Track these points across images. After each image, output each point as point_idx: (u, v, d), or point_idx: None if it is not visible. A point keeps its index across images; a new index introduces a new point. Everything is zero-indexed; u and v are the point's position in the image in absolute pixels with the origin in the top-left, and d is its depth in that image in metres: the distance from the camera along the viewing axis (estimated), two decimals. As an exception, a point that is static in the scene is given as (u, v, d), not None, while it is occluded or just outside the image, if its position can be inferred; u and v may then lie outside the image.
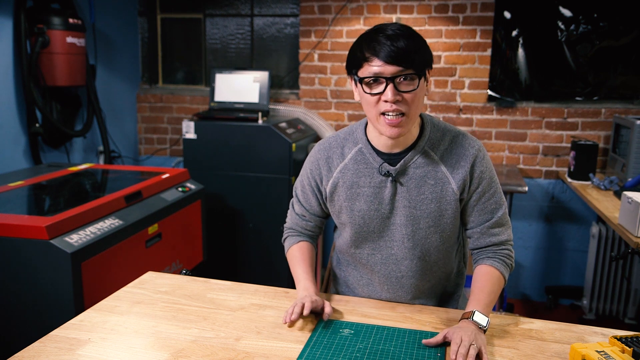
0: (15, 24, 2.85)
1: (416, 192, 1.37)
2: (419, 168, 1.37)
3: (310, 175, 1.49)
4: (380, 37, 1.24)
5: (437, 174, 1.37)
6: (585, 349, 1.11)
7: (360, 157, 1.41)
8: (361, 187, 1.41)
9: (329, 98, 3.70)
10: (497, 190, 1.42)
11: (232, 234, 3.28)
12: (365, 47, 1.26)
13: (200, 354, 1.18)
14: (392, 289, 1.46)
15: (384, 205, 1.39)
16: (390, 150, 1.38)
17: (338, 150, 1.45)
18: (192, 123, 3.23)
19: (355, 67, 1.30)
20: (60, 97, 3.18)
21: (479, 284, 1.37)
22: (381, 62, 1.23)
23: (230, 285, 1.56)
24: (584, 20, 3.28)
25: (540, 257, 3.57)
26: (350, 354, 1.18)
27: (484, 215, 1.41)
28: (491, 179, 1.40)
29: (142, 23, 4.00)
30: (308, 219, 1.55)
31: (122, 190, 2.35)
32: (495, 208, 1.41)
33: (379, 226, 1.42)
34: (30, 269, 1.87)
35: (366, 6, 3.51)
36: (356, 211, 1.42)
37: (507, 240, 1.43)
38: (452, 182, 1.37)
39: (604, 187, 2.88)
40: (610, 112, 3.32)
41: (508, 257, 1.42)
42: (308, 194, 1.51)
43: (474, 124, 3.51)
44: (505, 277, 1.41)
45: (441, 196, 1.37)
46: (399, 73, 1.24)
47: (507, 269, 1.42)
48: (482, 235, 1.42)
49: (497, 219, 1.41)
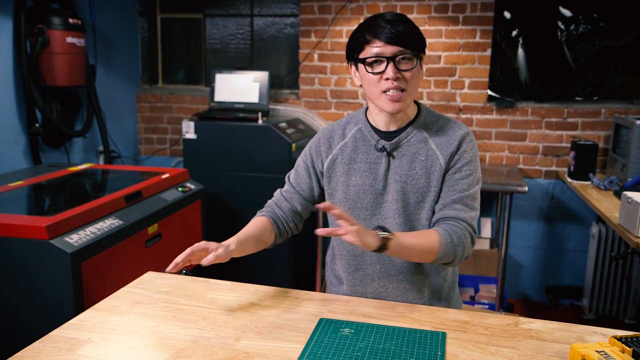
0: (15, 24, 2.86)
1: (408, 167, 1.46)
2: (411, 145, 1.46)
3: (308, 153, 1.58)
4: (380, 21, 1.37)
5: (428, 151, 1.45)
6: (585, 349, 1.11)
7: (360, 135, 1.52)
8: (358, 162, 1.50)
9: (329, 98, 3.70)
10: (473, 174, 1.44)
11: (232, 234, 3.27)
12: (367, 31, 1.39)
13: (200, 354, 1.18)
14: (384, 267, 1.50)
15: (378, 180, 1.47)
16: (387, 128, 1.49)
17: (340, 131, 1.56)
18: (192, 123, 3.23)
19: (356, 50, 1.41)
20: (60, 97, 3.18)
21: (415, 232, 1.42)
22: (382, 43, 1.36)
23: (230, 285, 1.56)
24: (584, 20, 3.28)
25: (540, 257, 3.57)
26: (351, 353, 1.18)
27: (452, 191, 1.43)
28: (471, 161, 1.45)
29: (142, 23, 4.00)
30: (289, 196, 1.59)
31: (122, 190, 2.35)
32: (464, 189, 1.43)
33: (372, 202, 1.48)
34: (30, 269, 1.87)
35: (366, 6, 3.51)
36: (351, 186, 1.49)
37: (464, 219, 1.40)
38: (441, 157, 1.44)
39: (604, 187, 2.88)
40: (610, 112, 3.32)
41: (455, 233, 1.37)
42: (301, 170, 1.59)
43: (474, 124, 3.51)
44: (442, 246, 1.35)
45: (430, 172, 1.44)
46: (398, 53, 1.36)
47: (447, 242, 1.36)
48: (443, 207, 1.43)
49: (463, 195, 1.42)
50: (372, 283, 1.53)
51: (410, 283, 1.50)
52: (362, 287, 1.54)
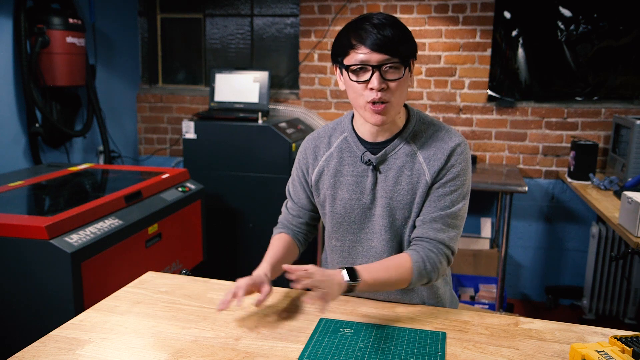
0: (15, 24, 2.85)
1: (393, 182, 1.38)
2: (398, 159, 1.38)
3: (298, 167, 1.53)
4: (367, 25, 1.26)
5: (415, 165, 1.37)
6: (585, 349, 1.11)
7: (345, 146, 1.44)
8: (344, 175, 1.43)
9: (329, 98, 3.70)
10: (459, 190, 1.36)
11: (232, 234, 3.28)
12: (352, 35, 1.27)
13: (200, 354, 1.18)
14: None
15: (365, 195, 1.41)
16: (374, 139, 1.41)
17: (325, 139, 1.48)
18: (192, 123, 3.23)
19: (341, 54, 1.31)
20: (60, 97, 3.18)
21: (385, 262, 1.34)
22: (367, 49, 1.25)
23: (230, 285, 1.55)
24: (584, 20, 3.28)
25: (540, 257, 3.57)
26: (351, 353, 1.18)
27: (433, 207, 1.35)
28: (458, 176, 1.36)
29: (142, 23, 4.00)
30: (297, 214, 1.57)
31: (122, 190, 2.35)
32: (447, 206, 1.35)
33: (360, 217, 1.43)
34: (30, 269, 1.87)
35: (366, 6, 3.51)
36: (338, 200, 1.44)
37: (442, 242, 1.34)
38: (427, 173, 1.36)
39: (604, 187, 2.88)
40: (610, 112, 3.32)
41: (430, 259, 1.32)
42: (297, 186, 1.55)
43: (473, 124, 3.51)
44: (414, 276, 1.31)
45: (416, 187, 1.37)
46: (385, 61, 1.25)
47: (420, 270, 1.31)
48: (422, 224, 1.36)
49: (444, 214, 1.34)
50: (362, 294, 1.46)
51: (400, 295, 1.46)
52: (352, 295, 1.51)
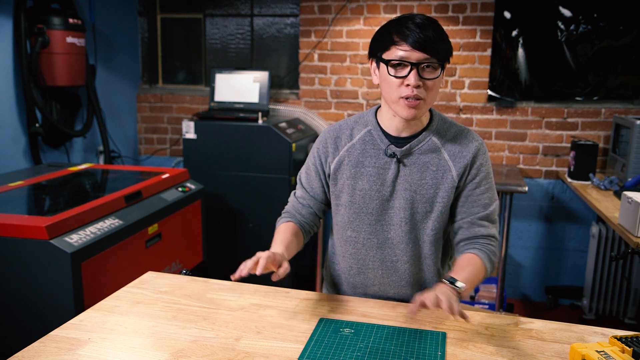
0: (15, 24, 2.85)
1: (418, 176, 1.43)
2: (423, 154, 1.43)
3: (316, 154, 1.54)
4: (410, 24, 1.31)
5: (440, 162, 1.43)
6: (585, 349, 1.11)
7: (369, 138, 1.47)
8: (366, 166, 1.46)
9: (329, 98, 3.70)
10: (492, 187, 1.47)
11: (232, 234, 3.28)
12: (395, 32, 1.33)
13: (200, 354, 1.18)
14: (387, 273, 1.49)
15: (385, 186, 1.44)
16: (398, 134, 1.44)
17: (347, 131, 1.51)
18: (192, 123, 3.23)
19: (381, 49, 1.36)
20: (60, 97, 3.18)
21: (461, 264, 1.39)
22: (409, 47, 1.30)
23: (230, 285, 1.56)
24: (584, 20, 3.28)
25: (540, 257, 3.57)
26: (351, 353, 1.18)
27: (476, 207, 1.44)
28: (488, 174, 1.46)
29: (142, 23, 4.00)
30: (307, 203, 1.57)
31: (122, 190, 2.35)
32: (487, 203, 1.45)
33: (378, 208, 1.46)
34: (30, 269, 1.87)
35: (366, 6, 3.51)
36: (358, 190, 1.46)
37: (494, 236, 1.46)
38: (453, 169, 1.42)
39: (604, 187, 2.88)
40: (610, 112, 3.32)
41: (493, 253, 1.44)
42: (312, 174, 1.55)
43: (474, 124, 3.51)
44: (488, 270, 1.42)
45: (441, 183, 1.42)
46: (424, 60, 1.31)
47: (490, 263, 1.43)
48: (471, 225, 1.45)
49: (489, 213, 1.45)
50: (372, 287, 1.52)
51: (411, 289, 1.50)
52: (361, 289, 1.54)
